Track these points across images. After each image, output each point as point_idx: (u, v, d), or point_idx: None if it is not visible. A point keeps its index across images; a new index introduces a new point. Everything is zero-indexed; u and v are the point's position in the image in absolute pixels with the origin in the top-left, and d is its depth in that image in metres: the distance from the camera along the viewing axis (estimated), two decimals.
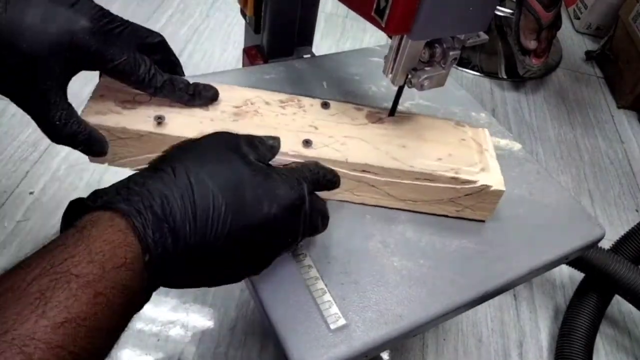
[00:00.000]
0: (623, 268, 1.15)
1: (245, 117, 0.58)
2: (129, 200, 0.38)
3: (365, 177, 0.58)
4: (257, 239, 0.44)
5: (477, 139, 0.64)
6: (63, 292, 0.32)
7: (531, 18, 1.76)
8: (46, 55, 0.46)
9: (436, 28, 0.52)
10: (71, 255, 0.34)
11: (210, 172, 0.42)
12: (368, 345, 0.49)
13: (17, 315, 0.30)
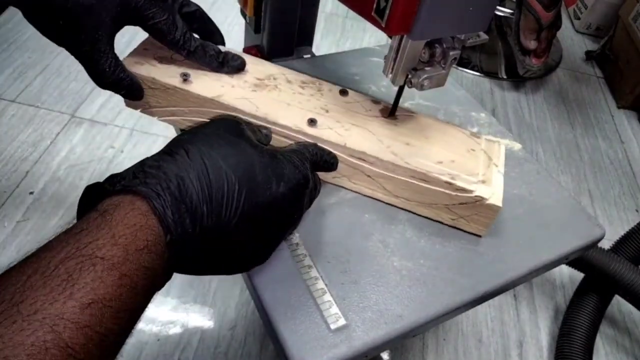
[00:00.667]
0: (623, 268, 1.15)
1: (264, 90, 0.61)
2: (147, 183, 0.39)
3: (361, 166, 0.59)
4: (268, 216, 0.45)
5: (489, 152, 0.63)
6: (89, 275, 0.33)
7: (531, 18, 1.76)
8: (99, 8, 0.50)
9: (436, 28, 0.51)
10: (95, 238, 0.35)
11: (222, 154, 0.43)
12: (368, 345, 0.49)
13: (46, 296, 0.31)
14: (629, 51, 2.00)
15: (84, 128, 1.44)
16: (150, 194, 0.38)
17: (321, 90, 0.65)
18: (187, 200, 0.40)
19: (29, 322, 0.29)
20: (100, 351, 0.32)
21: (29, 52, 1.64)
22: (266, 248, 0.49)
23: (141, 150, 1.42)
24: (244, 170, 0.43)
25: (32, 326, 0.29)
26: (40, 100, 1.50)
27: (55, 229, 1.20)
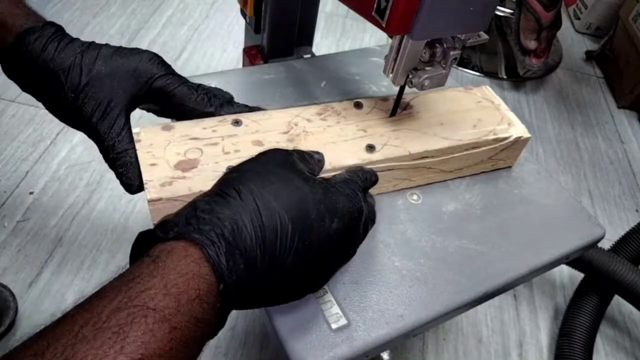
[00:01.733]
0: (623, 268, 1.15)
1: (300, 140, 0.58)
2: (200, 230, 0.38)
3: (423, 163, 0.62)
4: (322, 254, 0.44)
5: (488, 98, 0.70)
6: (140, 327, 0.32)
7: (531, 18, 1.76)
8: (112, 78, 0.53)
9: (437, 28, 0.51)
10: (147, 287, 0.34)
11: (274, 192, 0.42)
12: (369, 345, 0.49)
13: (96, 350, 0.30)
14: (629, 51, 2.00)
15: None
16: (204, 241, 0.38)
17: (339, 113, 0.63)
18: (241, 245, 0.39)
19: None
20: None
21: None
22: (319, 281, 0.47)
23: None
24: (297, 209, 0.42)
25: None
26: None
27: (55, 229, 1.20)
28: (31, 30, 0.53)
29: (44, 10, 1.76)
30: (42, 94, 0.55)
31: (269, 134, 0.58)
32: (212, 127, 0.57)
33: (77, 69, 0.52)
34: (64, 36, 0.54)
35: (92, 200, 1.27)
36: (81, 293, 1.11)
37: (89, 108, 0.52)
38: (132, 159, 0.53)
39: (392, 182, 0.63)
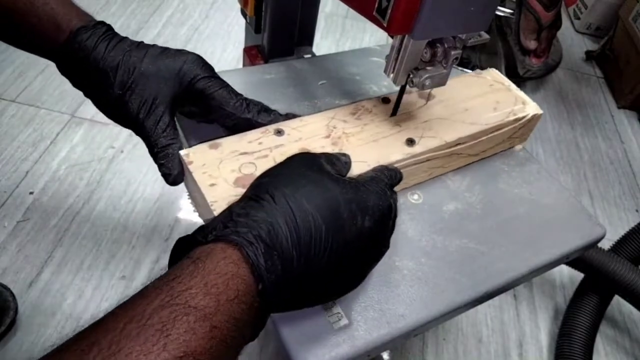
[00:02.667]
0: (623, 268, 1.15)
1: (343, 142, 0.59)
2: (238, 232, 0.39)
3: (456, 149, 0.64)
4: (356, 252, 0.45)
5: (498, 80, 0.73)
6: (182, 325, 0.33)
7: (531, 18, 1.76)
8: (157, 77, 0.55)
9: (438, 28, 0.51)
10: (188, 287, 0.35)
11: (306, 194, 0.42)
12: (370, 344, 0.49)
13: (141, 347, 0.31)
14: (629, 51, 2.00)
15: (84, 128, 1.44)
16: (243, 243, 0.38)
17: (370, 111, 0.64)
18: (278, 246, 0.40)
19: None
20: None
21: None
22: (355, 280, 0.48)
23: (141, 150, 1.41)
24: (329, 209, 0.43)
25: None
26: (40, 100, 1.50)
27: (55, 229, 1.20)
28: (83, 29, 0.55)
29: None
30: (91, 91, 0.57)
31: (313, 139, 0.59)
32: (258, 140, 0.57)
33: (125, 67, 0.54)
34: (113, 35, 0.56)
35: (92, 200, 1.27)
36: (81, 293, 1.11)
37: (135, 105, 0.54)
38: (174, 152, 0.55)
39: (428, 172, 0.65)
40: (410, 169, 0.61)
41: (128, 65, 0.55)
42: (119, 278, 1.15)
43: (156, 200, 1.31)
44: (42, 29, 0.55)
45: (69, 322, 1.06)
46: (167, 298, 0.34)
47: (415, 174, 0.63)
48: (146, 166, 1.38)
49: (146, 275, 1.16)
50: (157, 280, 0.36)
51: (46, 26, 0.55)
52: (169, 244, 1.23)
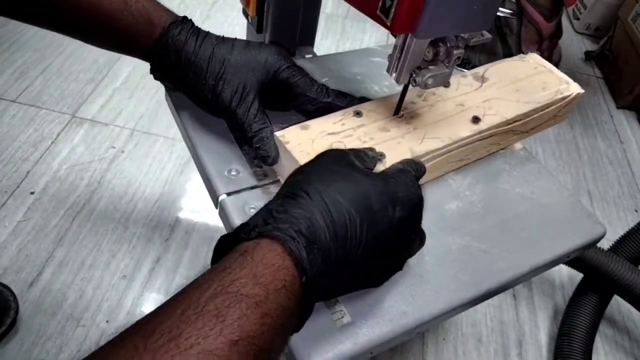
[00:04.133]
0: (622, 268, 1.15)
1: (416, 122, 0.64)
2: (279, 228, 0.41)
3: (512, 127, 0.69)
4: (389, 242, 0.47)
5: (540, 64, 0.77)
6: (236, 312, 0.35)
7: (532, 29, 1.76)
8: (247, 67, 0.60)
9: (441, 27, 0.52)
10: (238, 276, 0.37)
11: (339, 189, 0.44)
12: (373, 342, 0.49)
13: (199, 331, 0.33)
14: (628, 51, 2.01)
15: (84, 128, 1.45)
16: (286, 238, 0.40)
17: (434, 92, 0.69)
18: (317, 240, 0.41)
19: (186, 357, 0.31)
20: None
21: (30, 52, 1.64)
22: (392, 268, 0.51)
23: (142, 150, 1.42)
24: (362, 202, 0.44)
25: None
26: (41, 101, 1.50)
27: (56, 228, 1.20)
28: (173, 24, 0.59)
29: None
30: (185, 84, 0.61)
31: (389, 119, 0.63)
32: (340, 121, 0.62)
33: (216, 60, 0.59)
34: (199, 29, 0.61)
35: (92, 201, 1.28)
36: (82, 292, 1.11)
37: (228, 94, 0.58)
38: (268, 135, 0.59)
39: (487, 148, 0.70)
40: (475, 145, 0.66)
41: (218, 57, 0.59)
42: (119, 278, 1.15)
43: (157, 200, 1.31)
44: (138, 27, 0.58)
45: (70, 322, 1.07)
46: (219, 287, 0.36)
47: (477, 150, 0.68)
48: (147, 166, 1.38)
49: (147, 275, 1.16)
50: (207, 273, 0.38)
51: (141, 24, 0.58)
52: (169, 244, 1.23)
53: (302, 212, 0.42)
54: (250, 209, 0.58)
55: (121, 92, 1.58)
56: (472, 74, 0.73)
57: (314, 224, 0.42)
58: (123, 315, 1.09)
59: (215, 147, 0.64)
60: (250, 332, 0.35)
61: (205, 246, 1.24)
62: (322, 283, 0.42)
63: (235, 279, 0.37)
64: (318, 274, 0.41)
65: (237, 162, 0.63)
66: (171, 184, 1.36)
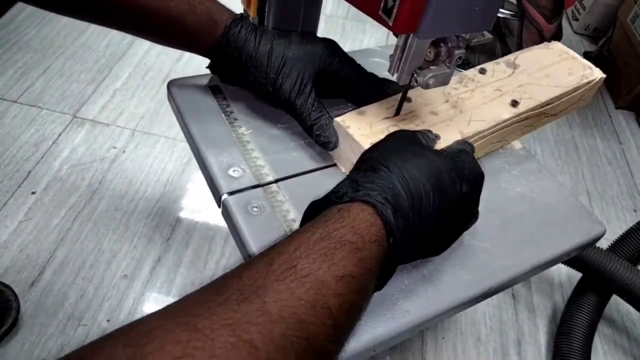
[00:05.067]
0: (621, 268, 1.15)
1: (460, 106, 0.68)
2: (369, 194, 0.45)
3: (545, 109, 0.72)
4: (455, 214, 0.51)
5: (564, 51, 0.81)
6: (340, 253, 0.40)
7: (533, 30, 1.76)
8: (304, 60, 0.64)
9: (442, 27, 0.52)
10: (340, 226, 0.42)
11: (415, 165, 0.48)
12: (376, 340, 0.50)
13: (310, 265, 0.38)
14: (627, 52, 2.01)
15: (85, 128, 1.45)
16: (376, 202, 0.44)
17: (472, 79, 0.73)
18: (400, 207, 0.45)
19: (303, 283, 0.36)
20: (348, 318, 0.39)
21: (31, 53, 1.64)
22: (451, 239, 0.55)
23: (143, 150, 1.42)
24: (435, 177, 0.48)
25: (305, 286, 0.36)
26: (42, 101, 1.50)
27: (57, 228, 1.21)
28: (234, 22, 0.63)
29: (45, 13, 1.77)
30: (247, 79, 0.64)
31: (436, 104, 0.68)
32: (393, 106, 0.65)
33: (276, 54, 0.63)
34: (256, 26, 0.65)
35: (93, 200, 1.28)
36: (83, 292, 1.11)
37: (287, 87, 0.62)
38: (326, 122, 0.63)
39: (522, 130, 0.73)
40: (513, 127, 0.70)
41: (277, 52, 0.63)
42: (120, 277, 1.15)
43: (158, 200, 1.31)
44: (202, 26, 0.62)
45: (71, 321, 1.07)
46: (324, 233, 0.41)
47: (514, 132, 0.72)
48: (148, 166, 1.38)
49: (148, 275, 1.16)
50: (309, 223, 0.43)
51: (205, 23, 0.62)
52: (170, 243, 1.23)
53: (386, 183, 0.46)
54: (253, 208, 0.58)
55: (122, 92, 1.59)
56: (505, 61, 0.77)
57: (397, 194, 0.45)
58: (124, 315, 1.10)
59: (218, 146, 0.64)
60: (352, 271, 0.39)
61: (206, 246, 1.25)
62: (404, 246, 0.46)
63: (337, 227, 0.41)
64: (401, 238, 0.45)
65: (239, 161, 0.63)
66: (172, 183, 1.36)
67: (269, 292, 0.35)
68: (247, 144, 0.65)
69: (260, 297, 0.34)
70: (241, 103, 0.71)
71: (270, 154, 0.65)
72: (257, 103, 0.71)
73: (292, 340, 0.34)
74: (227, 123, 0.67)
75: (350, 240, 0.41)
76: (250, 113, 0.70)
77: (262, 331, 0.32)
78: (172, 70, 1.68)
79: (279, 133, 0.68)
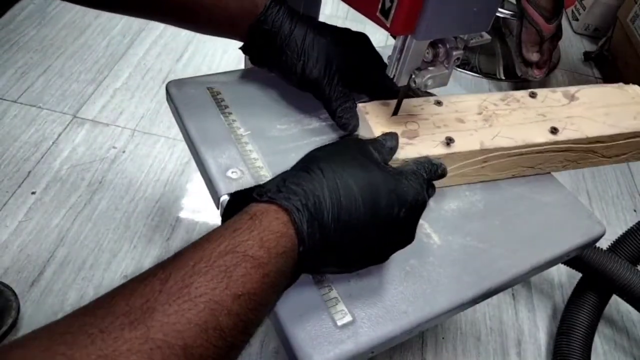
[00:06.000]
0: (620, 268, 1.15)
1: (493, 120, 0.67)
2: (289, 198, 0.44)
3: (594, 147, 0.70)
4: (384, 239, 0.49)
5: (624, 88, 0.78)
6: (241, 270, 0.39)
7: (533, 30, 1.76)
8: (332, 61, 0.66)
9: (440, 28, 0.52)
10: (247, 238, 0.41)
11: (353, 175, 0.47)
12: (374, 341, 0.50)
13: (208, 283, 0.37)
14: (627, 52, 2.01)
15: (85, 128, 1.45)
16: (292, 209, 0.43)
17: (518, 100, 0.71)
18: (320, 217, 0.44)
19: (196, 304, 0.36)
20: (242, 336, 0.39)
21: (31, 53, 1.64)
22: (378, 259, 0.52)
23: (143, 150, 1.42)
24: (371, 194, 0.47)
25: (197, 307, 0.36)
26: (42, 101, 1.50)
27: (57, 228, 1.21)
28: (273, 2, 0.65)
29: (47, 11, 1.77)
30: (278, 62, 0.67)
31: (467, 113, 0.67)
32: (420, 106, 0.67)
33: (309, 39, 0.65)
34: (292, 10, 0.67)
35: (93, 200, 1.28)
36: (83, 292, 1.11)
37: (317, 70, 0.65)
38: (351, 106, 0.66)
39: (562, 163, 0.71)
40: (549, 155, 0.68)
41: (311, 37, 0.65)
42: (120, 277, 1.15)
43: (158, 200, 1.31)
44: (244, 8, 0.65)
45: None
46: (229, 246, 0.40)
47: (550, 161, 0.70)
48: (148, 166, 1.38)
49: None
50: (220, 229, 0.42)
51: (246, 5, 0.65)
52: (170, 243, 1.23)
53: (312, 188, 0.45)
54: None
55: (122, 92, 1.59)
56: (563, 91, 0.75)
57: (319, 202, 0.44)
58: None
59: (217, 148, 0.64)
60: (251, 289, 0.39)
61: None
62: (316, 256, 0.45)
63: (243, 240, 0.41)
64: (313, 247, 0.44)
65: (238, 162, 0.63)
66: (172, 184, 1.36)
67: (157, 315, 0.34)
68: (245, 145, 0.65)
69: (146, 323, 0.34)
70: (240, 104, 0.71)
71: (269, 155, 0.65)
72: (256, 104, 0.71)
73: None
74: (226, 124, 0.67)
75: (254, 255, 0.40)
76: (249, 114, 0.70)
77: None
78: (172, 71, 1.68)
79: (277, 134, 0.68)
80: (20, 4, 1.79)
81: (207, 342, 0.35)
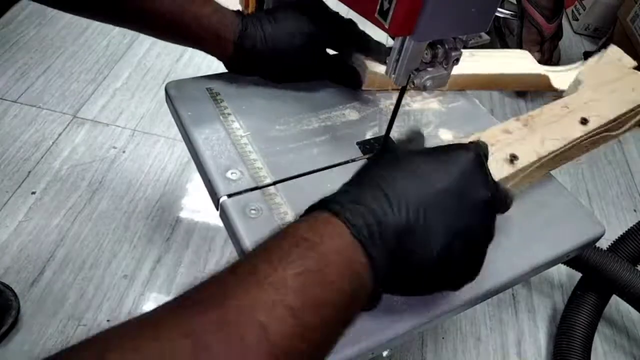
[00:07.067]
0: (620, 268, 1.15)
1: (531, 124, 0.69)
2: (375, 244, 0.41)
3: (613, 125, 0.74)
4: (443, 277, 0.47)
5: (626, 64, 0.86)
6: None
7: (533, 30, 1.77)
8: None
9: (439, 29, 0.52)
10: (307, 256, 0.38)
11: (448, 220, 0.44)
12: (374, 342, 0.50)
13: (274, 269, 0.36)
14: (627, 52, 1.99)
15: (85, 128, 1.45)
16: (367, 243, 0.40)
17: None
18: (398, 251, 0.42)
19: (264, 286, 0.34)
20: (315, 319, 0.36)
21: (31, 52, 1.64)
22: (456, 285, 0.50)
23: (143, 150, 1.42)
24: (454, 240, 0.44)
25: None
26: (42, 101, 1.50)
27: (57, 228, 1.21)
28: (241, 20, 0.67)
29: (45, 12, 1.77)
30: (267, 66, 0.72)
31: (508, 122, 0.69)
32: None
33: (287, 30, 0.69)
34: (254, 15, 0.69)
35: (94, 201, 1.28)
36: (83, 292, 1.11)
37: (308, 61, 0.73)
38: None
39: (586, 148, 0.73)
40: (581, 144, 0.70)
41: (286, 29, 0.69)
42: (120, 277, 1.15)
43: (158, 200, 1.32)
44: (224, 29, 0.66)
45: (71, 321, 1.07)
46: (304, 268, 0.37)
47: (580, 149, 0.72)
48: (148, 166, 1.39)
49: (148, 275, 1.16)
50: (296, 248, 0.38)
51: (213, 39, 0.66)
52: (170, 243, 1.23)
53: (391, 222, 0.42)
54: (251, 211, 0.58)
55: (122, 92, 1.59)
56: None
57: (406, 243, 0.42)
58: (124, 315, 1.10)
59: (216, 148, 0.64)
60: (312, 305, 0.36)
61: (206, 246, 1.25)
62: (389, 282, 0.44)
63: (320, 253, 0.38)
64: (384, 276, 0.42)
65: (237, 163, 0.63)
66: (172, 184, 1.36)
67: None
68: (245, 146, 0.65)
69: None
70: (239, 105, 0.71)
71: (268, 156, 0.65)
72: (256, 105, 0.71)
73: None
74: (225, 125, 0.67)
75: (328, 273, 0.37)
76: (248, 115, 0.70)
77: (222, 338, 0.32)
78: (172, 71, 1.68)
79: (277, 135, 0.68)
80: (20, 4, 1.79)
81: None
